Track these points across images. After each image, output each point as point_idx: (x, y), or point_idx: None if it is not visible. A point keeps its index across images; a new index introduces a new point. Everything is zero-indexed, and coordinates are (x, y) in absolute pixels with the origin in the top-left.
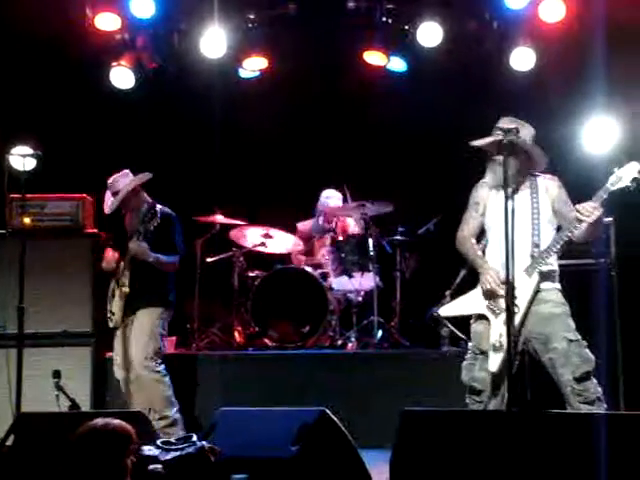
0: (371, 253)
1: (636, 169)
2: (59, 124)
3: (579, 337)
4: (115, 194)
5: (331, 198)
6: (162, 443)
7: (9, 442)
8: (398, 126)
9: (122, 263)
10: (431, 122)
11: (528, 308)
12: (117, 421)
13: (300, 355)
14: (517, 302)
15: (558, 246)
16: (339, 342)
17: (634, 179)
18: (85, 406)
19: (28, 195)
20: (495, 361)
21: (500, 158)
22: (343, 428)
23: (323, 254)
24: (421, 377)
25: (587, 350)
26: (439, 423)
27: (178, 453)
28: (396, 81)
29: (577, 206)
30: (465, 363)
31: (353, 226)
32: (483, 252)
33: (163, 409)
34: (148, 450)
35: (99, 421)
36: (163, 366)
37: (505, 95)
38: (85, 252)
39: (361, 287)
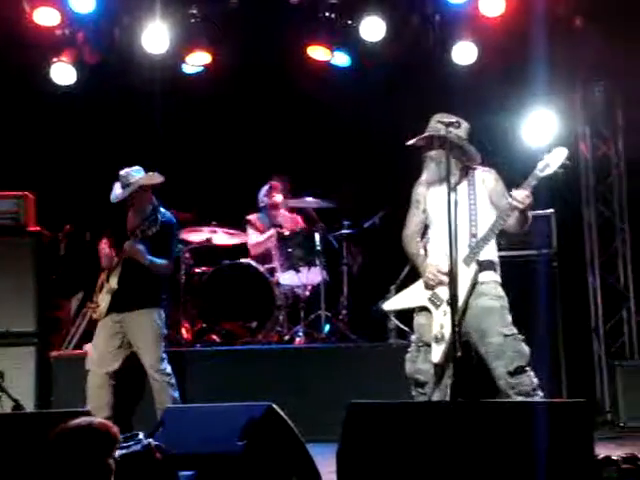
0: (318, 248)
1: (563, 155)
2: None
3: (515, 331)
4: (124, 187)
5: (271, 192)
6: None
7: None
8: (342, 120)
9: (115, 259)
10: (375, 116)
11: (468, 297)
12: (99, 420)
13: (248, 350)
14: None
15: (493, 235)
16: (287, 337)
17: (562, 165)
18: (29, 407)
19: None
20: (437, 352)
21: (433, 154)
22: (290, 422)
23: (270, 249)
24: (368, 370)
25: (523, 344)
26: (385, 415)
27: (124, 451)
28: (340, 76)
29: (512, 192)
30: (408, 355)
31: (300, 221)
32: (425, 248)
33: None
34: None
35: (82, 419)
36: (170, 367)
37: (448, 89)
38: (28, 250)
39: (308, 282)
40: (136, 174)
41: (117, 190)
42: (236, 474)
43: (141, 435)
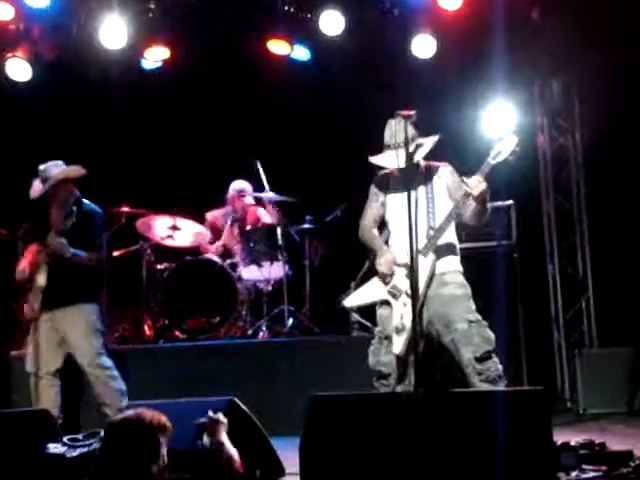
0: (280, 242)
1: (514, 142)
2: None
3: (479, 318)
4: (44, 181)
5: (240, 189)
6: (68, 440)
7: None
8: (303, 114)
9: (39, 255)
10: (335, 110)
11: (427, 287)
12: (150, 412)
13: (211, 346)
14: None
15: (449, 223)
16: (250, 331)
17: (512, 152)
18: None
19: None
20: (398, 343)
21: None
22: (253, 416)
23: (232, 244)
24: (332, 363)
25: (488, 330)
26: (347, 407)
27: (85, 449)
28: (300, 70)
29: (465, 179)
30: (371, 348)
31: (264, 216)
32: (386, 243)
33: (117, 402)
34: (54, 448)
35: (131, 412)
36: (110, 360)
37: (408, 82)
38: None
39: (271, 276)
40: (55, 168)
41: (36, 185)
42: (198, 469)
43: (102, 433)
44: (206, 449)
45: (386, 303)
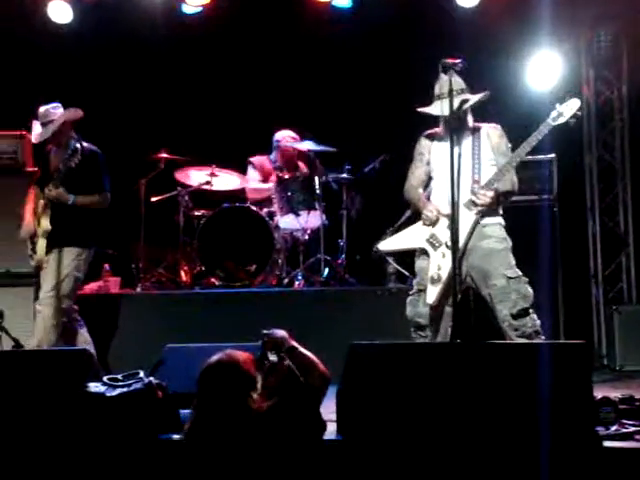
0: (317, 191)
1: (576, 106)
2: None
3: (519, 273)
4: (45, 125)
5: (283, 139)
6: (108, 379)
7: None
8: (344, 63)
9: (42, 201)
10: (376, 59)
11: (468, 239)
12: (237, 351)
13: (247, 294)
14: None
15: (494, 183)
16: (286, 280)
17: (573, 115)
18: (28, 346)
19: None
20: (432, 293)
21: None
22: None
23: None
24: (368, 314)
25: (527, 286)
26: (386, 356)
27: (125, 389)
28: (341, 17)
29: (475, 190)
30: (409, 299)
31: (302, 165)
32: (428, 198)
33: (43, 343)
34: (94, 387)
35: (221, 354)
36: (67, 310)
37: (451, 32)
38: (27, 191)
39: (307, 225)
40: (56, 110)
41: (37, 129)
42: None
43: (142, 374)
44: (274, 364)
45: (424, 253)
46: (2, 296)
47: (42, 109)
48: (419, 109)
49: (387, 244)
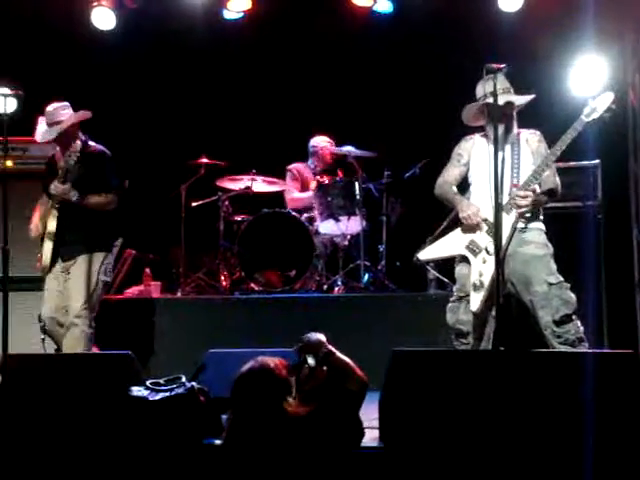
0: (357, 197)
1: (610, 99)
2: (40, 66)
3: (561, 279)
4: (51, 125)
5: (321, 144)
6: (151, 384)
7: None
8: (384, 69)
9: (49, 202)
10: (417, 64)
11: (507, 244)
12: (270, 358)
13: (286, 299)
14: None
15: (532, 184)
16: (325, 286)
17: (608, 109)
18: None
19: (10, 138)
20: (476, 300)
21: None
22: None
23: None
24: (408, 320)
25: (569, 292)
26: (428, 363)
27: (167, 394)
28: (382, 22)
29: (514, 192)
30: (450, 306)
31: (342, 171)
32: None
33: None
34: (137, 391)
35: (253, 362)
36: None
37: (493, 36)
38: None
39: (347, 231)
40: (65, 111)
41: (42, 127)
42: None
43: (184, 378)
44: (313, 368)
45: (465, 260)
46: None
47: (50, 108)
48: (466, 109)
49: (427, 253)
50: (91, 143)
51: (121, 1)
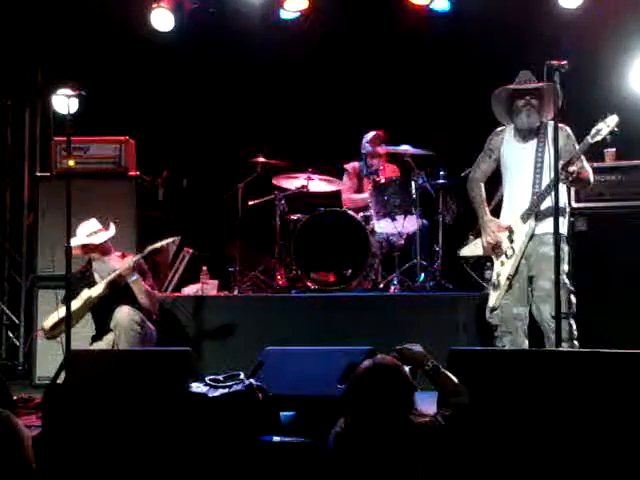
0: (414, 196)
1: (614, 122)
2: (101, 66)
3: (566, 282)
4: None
5: (375, 141)
6: (210, 380)
7: (60, 379)
8: (441, 67)
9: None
10: (475, 63)
11: (523, 251)
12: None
13: (342, 298)
14: (513, 245)
15: (547, 194)
16: (381, 285)
17: (611, 132)
18: None
19: (73, 138)
20: (492, 297)
21: (535, 101)
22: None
23: (366, 197)
24: (464, 319)
25: (571, 296)
26: (485, 362)
27: (226, 390)
28: (439, 21)
29: (562, 167)
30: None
31: (396, 169)
32: (500, 201)
33: None
34: (196, 387)
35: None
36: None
37: (552, 34)
38: (129, 194)
39: (403, 230)
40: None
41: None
42: (336, 417)
43: (242, 375)
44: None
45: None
46: None
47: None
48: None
49: (467, 250)
50: None
51: (180, 2)
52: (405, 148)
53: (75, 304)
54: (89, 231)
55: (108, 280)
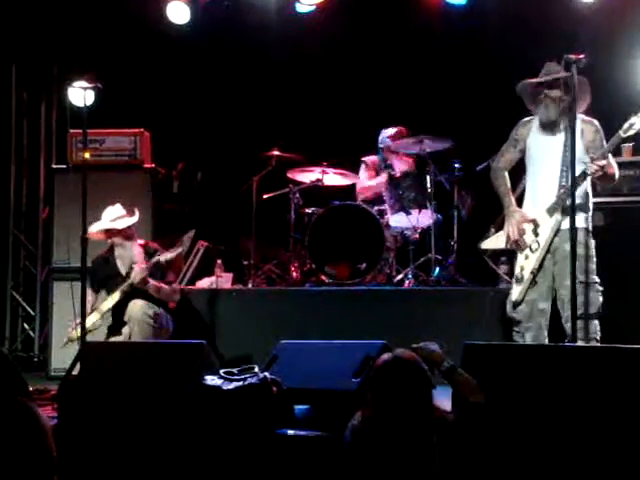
0: (428, 190)
1: None
2: (116, 59)
3: (594, 280)
4: (112, 220)
5: (396, 136)
6: (225, 373)
7: (75, 371)
8: (456, 60)
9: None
10: (490, 56)
11: (549, 245)
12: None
13: (357, 291)
14: (538, 239)
15: (577, 185)
16: (396, 279)
17: None
18: None
19: (88, 130)
20: (515, 292)
21: (553, 94)
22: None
23: (381, 190)
24: (478, 314)
25: (597, 294)
26: (500, 356)
27: (240, 383)
28: (455, 14)
29: (588, 162)
30: (510, 296)
31: (411, 163)
32: (523, 191)
33: None
34: (211, 380)
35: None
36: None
37: (568, 28)
38: (144, 186)
39: (418, 224)
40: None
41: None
42: (351, 411)
43: (257, 368)
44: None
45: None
46: None
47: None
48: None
49: (487, 243)
50: None
51: None
52: (421, 141)
53: (91, 318)
54: (113, 216)
55: (122, 289)
